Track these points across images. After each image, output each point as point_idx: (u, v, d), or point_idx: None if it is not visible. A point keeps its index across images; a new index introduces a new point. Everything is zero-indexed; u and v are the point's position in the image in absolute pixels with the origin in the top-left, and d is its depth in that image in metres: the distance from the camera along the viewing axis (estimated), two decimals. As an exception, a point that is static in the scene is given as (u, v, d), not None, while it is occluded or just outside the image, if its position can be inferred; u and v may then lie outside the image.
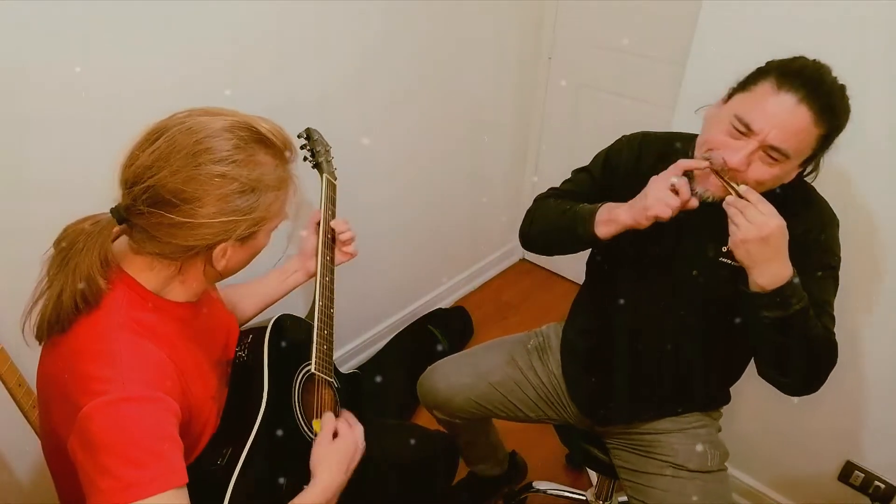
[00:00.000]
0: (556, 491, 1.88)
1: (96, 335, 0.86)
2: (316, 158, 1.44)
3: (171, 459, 0.83)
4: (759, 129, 1.00)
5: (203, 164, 0.84)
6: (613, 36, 2.31)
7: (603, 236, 1.15)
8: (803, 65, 1.01)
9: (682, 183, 1.05)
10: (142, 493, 0.78)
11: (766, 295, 1.00)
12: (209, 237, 0.87)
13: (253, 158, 0.88)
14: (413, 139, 2.16)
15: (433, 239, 2.47)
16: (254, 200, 0.88)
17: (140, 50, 1.33)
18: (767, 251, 0.97)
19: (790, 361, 1.07)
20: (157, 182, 0.83)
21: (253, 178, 0.87)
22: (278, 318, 1.17)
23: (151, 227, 0.86)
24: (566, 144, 2.58)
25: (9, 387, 1.17)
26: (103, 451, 0.78)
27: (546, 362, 1.50)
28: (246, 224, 0.89)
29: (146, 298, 0.91)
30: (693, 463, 1.28)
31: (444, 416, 1.56)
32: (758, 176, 1.02)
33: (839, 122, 1.02)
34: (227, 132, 0.86)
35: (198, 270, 0.93)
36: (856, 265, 1.42)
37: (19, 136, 1.22)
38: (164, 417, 0.84)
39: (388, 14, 1.83)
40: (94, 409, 0.79)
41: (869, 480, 1.60)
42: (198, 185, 0.84)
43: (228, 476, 0.96)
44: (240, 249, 0.93)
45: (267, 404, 1.05)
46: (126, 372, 0.82)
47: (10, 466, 1.48)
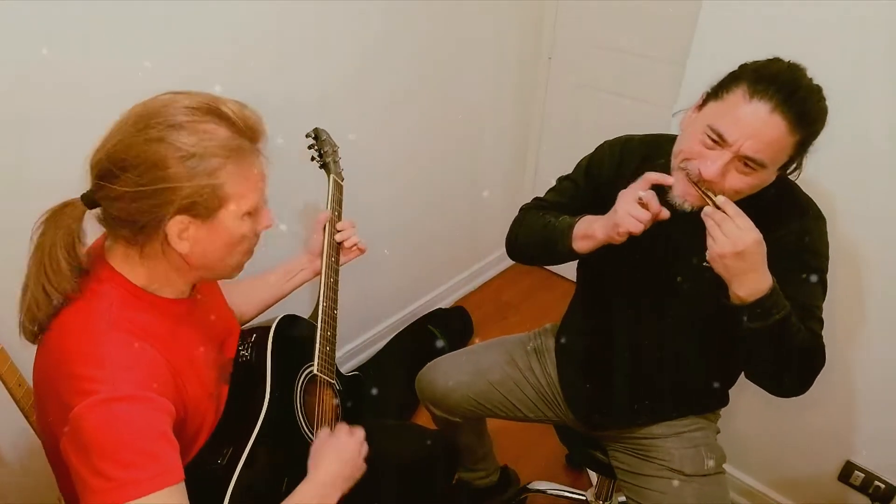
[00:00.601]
0: (555, 491, 1.88)
1: (87, 336, 0.85)
2: (324, 159, 1.44)
3: (164, 458, 0.82)
4: (732, 140, 0.98)
5: (143, 130, 0.81)
6: (613, 36, 2.31)
7: (581, 251, 1.15)
8: (777, 70, 0.99)
9: (650, 196, 1.04)
10: (136, 492, 0.78)
11: (746, 307, 0.99)
12: (152, 208, 0.83)
13: (200, 126, 0.83)
14: (413, 139, 2.16)
15: (433, 239, 2.47)
16: (194, 164, 0.82)
17: (140, 49, 1.33)
18: (744, 265, 0.96)
19: (775, 368, 1.07)
20: (104, 154, 0.83)
21: (194, 142, 0.82)
22: (282, 318, 1.17)
23: (105, 203, 0.85)
24: (566, 144, 2.58)
25: (9, 387, 1.16)
26: (95, 452, 0.78)
27: (544, 365, 1.50)
28: (188, 192, 0.82)
29: (137, 296, 0.90)
30: (689, 467, 1.28)
31: (441, 413, 1.56)
32: (734, 185, 1.01)
33: (815, 127, 1.00)
34: (182, 106, 0.83)
35: (157, 253, 0.88)
36: (855, 265, 1.42)
37: (19, 136, 1.23)
38: (157, 416, 0.83)
39: (388, 14, 1.83)
40: (84, 409, 0.79)
41: (869, 480, 1.60)
42: (137, 151, 0.81)
43: (229, 476, 0.96)
44: (203, 230, 0.87)
45: (269, 405, 1.05)
46: (117, 372, 0.82)
47: (10, 466, 1.48)
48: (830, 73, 1.31)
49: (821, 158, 1.36)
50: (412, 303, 2.54)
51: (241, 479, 0.96)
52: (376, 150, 1.99)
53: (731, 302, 1.01)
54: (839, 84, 1.31)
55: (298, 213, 1.81)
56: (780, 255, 1.03)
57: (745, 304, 0.99)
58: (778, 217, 1.09)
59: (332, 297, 1.26)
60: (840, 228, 1.40)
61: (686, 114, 1.09)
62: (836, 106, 1.32)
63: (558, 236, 1.18)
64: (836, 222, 1.40)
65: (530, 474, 1.95)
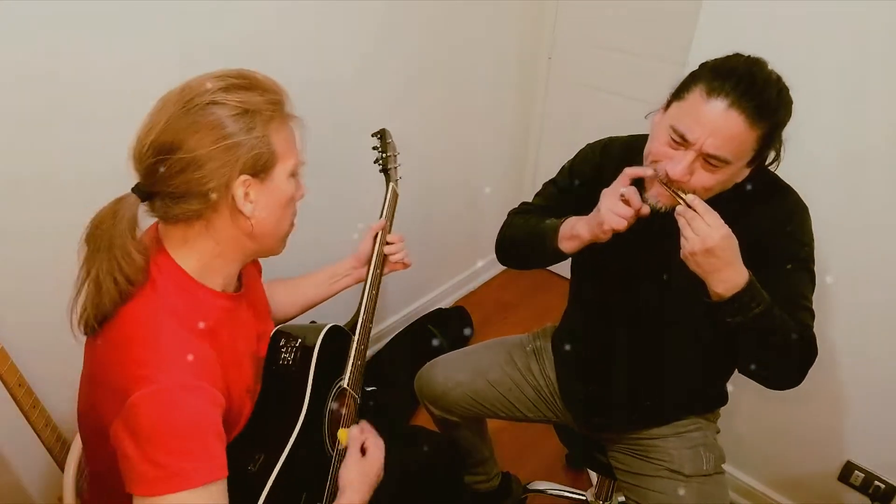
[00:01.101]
0: (555, 491, 1.88)
1: (143, 320, 0.86)
2: (385, 164, 1.37)
3: (215, 451, 0.83)
4: (693, 140, 0.99)
5: (190, 101, 0.84)
6: (613, 36, 2.31)
7: (568, 251, 1.16)
8: (734, 65, 0.99)
9: (631, 192, 1.05)
10: (186, 483, 0.79)
11: (724, 303, 0.99)
12: (218, 171, 0.85)
13: (238, 94, 0.87)
14: (413, 139, 2.15)
15: (433, 239, 2.47)
16: (248, 121, 0.86)
17: (140, 49, 1.33)
18: (716, 262, 0.97)
19: (763, 361, 1.07)
20: (156, 136, 0.84)
21: (242, 100, 0.86)
22: (330, 329, 1.13)
23: (166, 182, 0.85)
24: (566, 144, 2.56)
25: (9, 387, 1.17)
26: (149, 439, 0.79)
27: (542, 366, 1.50)
28: (247, 147, 0.86)
29: (188, 285, 0.91)
30: (688, 467, 1.28)
31: (440, 413, 1.56)
32: (703, 183, 1.02)
33: (777, 118, 1.00)
34: (215, 79, 0.87)
35: (227, 223, 0.90)
36: (855, 264, 1.42)
37: (19, 136, 1.22)
38: (210, 409, 0.84)
39: (388, 14, 1.83)
40: (142, 397, 0.79)
41: (869, 480, 1.60)
42: (190, 120, 0.84)
43: (261, 485, 0.94)
44: (261, 190, 0.90)
45: (306, 416, 1.03)
46: (175, 360, 0.83)
47: (10, 466, 1.48)
48: (830, 73, 1.31)
49: (819, 154, 1.37)
50: (412, 303, 2.54)
51: (273, 490, 0.95)
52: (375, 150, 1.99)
53: (711, 300, 1.02)
54: (839, 83, 1.32)
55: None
56: (763, 247, 1.04)
57: (723, 299, 0.99)
58: (759, 209, 1.09)
59: (371, 309, 1.22)
60: (839, 226, 1.40)
61: (656, 114, 1.11)
62: (835, 105, 1.33)
63: (544, 238, 1.20)
64: (836, 218, 1.40)
65: (530, 474, 1.95)
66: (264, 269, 1.21)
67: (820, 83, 1.33)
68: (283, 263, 1.28)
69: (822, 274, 1.43)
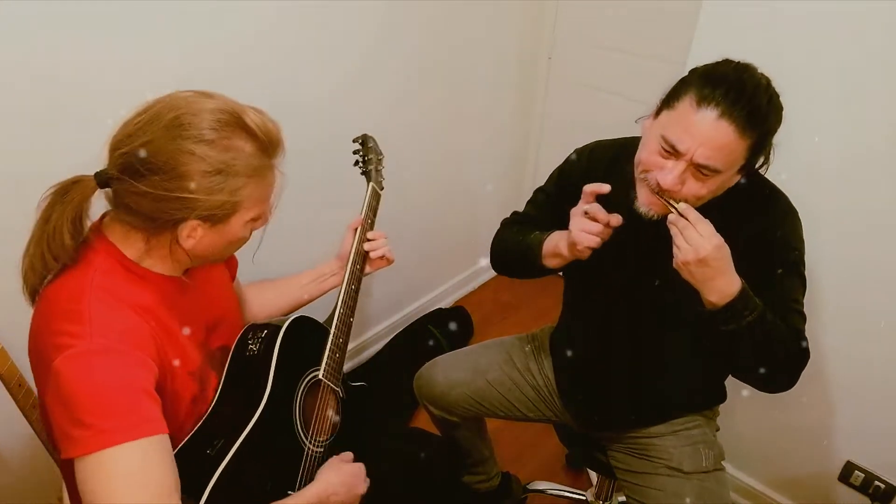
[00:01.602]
0: (555, 491, 1.88)
1: (69, 294, 0.87)
2: (366, 166, 1.42)
3: (144, 409, 0.83)
4: (684, 150, 0.98)
5: (175, 138, 0.84)
6: (613, 36, 2.31)
7: (553, 267, 1.18)
8: (723, 73, 0.99)
9: (595, 208, 1.06)
10: (115, 439, 0.79)
11: (717, 311, 1.00)
12: (171, 211, 0.87)
13: (228, 142, 0.87)
14: (412, 139, 2.16)
15: (433, 239, 2.47)
16: (219, 182, 0.86)
17: (140, 49, 1.33)
18: (708, 271, 0.97)
19: (756, 366, 1.07)
20: (130, 150, 0.85)
21: (222, 159, 0.86)
22: (296, 319, 1.16)
23: (122, 193, 0.88)
24: (566, 145, 2.56)
25: (9, 387, 1.17)
26: (73, 402, 0.79)
27: (541, 365, 1.50)
28: (209, 205, 0.87)
29: (125, 266, 0.92)
30: (688, 465, 1.28)
31: (439, 412, 1.56)
32: (694, 192, 1.02)
33: (767, 126, 1.00)
34: (209, 114, 0.86)
35: (164, 246, 0.92)
36: (855, 264, 1.42)
37: (19, 135, 1.22)
38: (135, 371, 0.85)
39: (388, 15, 1.83)
40: (62, 361, 0.80)
41: (869, 480, 1.60)
42: (166, 157, 0.84)
43: (215, 466, 0.96)
44: (210, 233, 0.92)
45: (267, 403, 1.05)
46: (97, 328, 0.83)
47: (10, 466, 1.48)
48: (830, 73, 1.31)
49: (817, 155, 1.37)
50: (412, 303, 2.54)
51: (226, 472, 0.96)
52: (376, 150, 1.99)
53: (704, 308, 1.02)
54: (839, 84, 1.32)
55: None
56: (753, 252, 1.04)
57: (716, 308, 1.00)
58: (748, 214, 1.10)
59: (350, 304, 1.24)
60: (840, 226, 1.40)
61: (646, 120, 1.10)
62: (835, 105, 1.33)
63: (530, 254, 1.22)
64: (836, 218, 1.40)
65: (530, 474, 1.95)
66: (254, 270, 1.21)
67: (819, 83, 1.33)
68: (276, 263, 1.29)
69: (821, 275, 1.44)
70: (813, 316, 1.13)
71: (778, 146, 1.05)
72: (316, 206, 1.81)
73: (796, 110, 1.03)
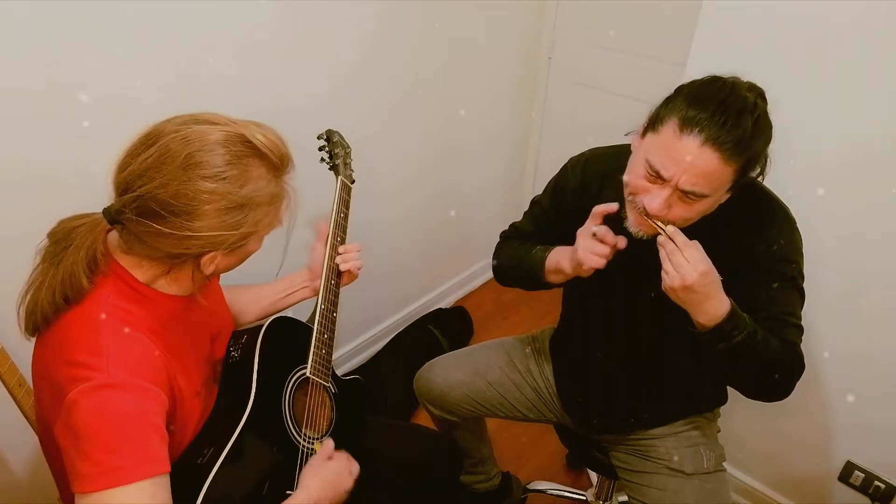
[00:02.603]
0: (555, 491, 1.88)
1: (82, 324, 0.86)
2: (333, 161, 1.42)
3: (153, 448, 0.83)
4: (668, 177, 0.97)
5: (193, 178, 0.83)
6: (613, 36, 2.31)
7: (555, 283, 1.19)
8: (708, 95, 0.96)
9: (604, 231, 1.06)
10: (120, 479, 0.79)
11: (706, 332, 1.00)
12: (197, 248, 0.88)
13: (245, 174, 0.87)
14: (412, 139, 2.16)
15: (433, 239, 2.47)
16: (243, 216, 0.88)
17: (139, 49, 1.33)
18: (695, 297, 0.97)
19: (746, 380, 1.08)
20: (146, 192, 0.83)
21: (243, 194, 0.86)
22: (274, 320, 1.16)
23: (140, 233, 0.87)
24: (566, 145, 2.56)
25: (9, 387, 1.17)
26: (85, 437, 0.79)
27: (542, 367, 1.50)
28: (235, 238, 0.89)
29: (135, 288, 0.91)
30: (689, 466, 1.28)
31: (439, 413, 1.56)
32: (681, 215, 1.01)
33: (753, 150, 0.97)
34: (220, 146, 0.85)
35: (186, 274, 0.94)
36: (856, 265, 1.42)
37: (19, 134, 1.22)
38: (149, 406, 0.84)
39: (388, 14, 1.83)
40: (78, 394, 0.80)
41: (869, 480, 1.60)
42: (187, 199, 0.84)
43: (206, 474, 0.96)
44: (229, 256, 0.94)
45: (253, 406, 1.04)
46: (111, 359, 0.83)
47: (10, 466, 1.48)
48: (830, 73, 1.31)
49: (816, 159, 1.37)
50: (412, 303, 2.54)
51: (218, 479, 0.96)
52: (376, 151, 1.99)
53: (694, 329, 1.02)
54: (839, 84, 1.31)
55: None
56: (749, 266, 1.04)
57: (706, 329, 1.00)
58: (744, 226, 1.09)
59: (331, 299, 1.24)
60: (841, 225, 1.40)
61: (635, 136, 1.08)
62: (835, 106, 1.33)
63: (532, 271, 1.23)
64: (833, 222, 1.40)
65: (530, 474, 1.95)
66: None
67: (819, 84, 1.33)
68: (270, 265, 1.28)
69: (821, 276, 1.43)
70: (813, 316, 1.13)
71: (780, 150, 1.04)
72: (318, 206, 1.80)
73: (796, 111, 1.03)
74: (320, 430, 1.19)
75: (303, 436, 1.13)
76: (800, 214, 1.14)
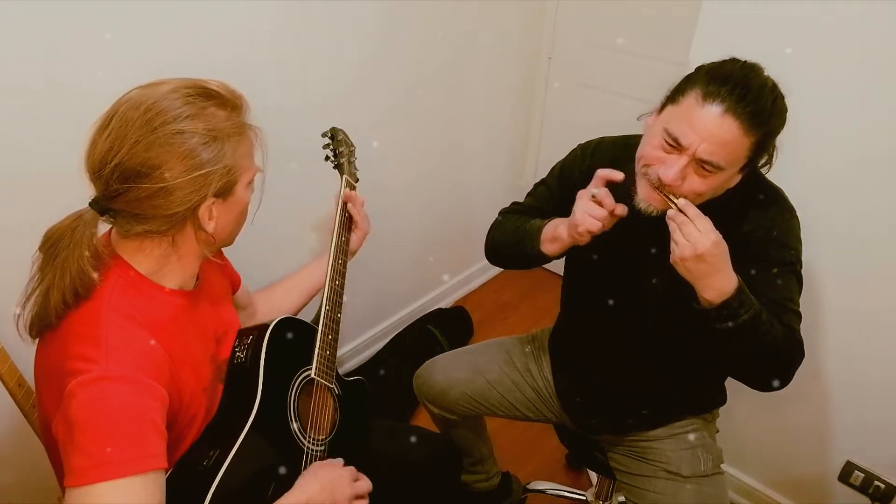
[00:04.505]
0: (555, 491, 1.88)
1: (86, 319, 0.86)
2: (338, 159, 1.42)
3: (149, 442, 0.82)
4: (687, 144, 0.98)
5: (158, 127, 0.84)
6: (613, 36, 2.31)
7: (550, 254, 1.16)
8: (730, 71, 0.99)
9: (603, 194, 1.05)
10: (113, 473, 0.78)
11: (713, 309, 0.99)
12: (188, 198, 0.87)
13: (205, 111, 0.88)
14: (413, 140, 2.16)
15: (433, 239, 2.47)
16: (218, 149, 0.88)
17: (139, 50, 1.33)
18: (706, 267, 0.96)
19: (751, 365, 1.07)
20: (121, 159, 0.84)
21: (210, 127, 0.87)
22: (280, 321, 1.16)
23: (131, 205, 0.87)
24: (566, 145, 2.57)
25: (9, 387, 1.17)
26: (79, 428, 0.78)
27: (541, 366, 1.50)
28: (218, 175, 0.89)
29: (139, 284, 0.91)
30: (686, 469, 1.28)
31: (439, 411, 1.56)
32: (694, 188, 1.02)
33: (771, 126, 0.99)
34: (173, 93, 0.87)
35: (190, 238, 0.93)
36: (856, 265, 1.42)
37: (18, 132, 1.22)
38: (147, 402, 0.84)
39: (388, 15, 1.83)
40: (76, 386, 0.79)
41: (869, 480, 1.60)
42: (160, 148, 0.84)
43: (212, 477, 0.95)
44: (224, 207, 0.93)
45: (259, 407, 1.04)
46: (112, 353, 0.83)
47: (10, 466, 1.48)
48: (830, 73, 1.31)
49: (817, 158, 1.37)
50: (412, 303, 2.54)
51: (225, 482, 0.95)
52: (376, 151, 1.99)
53: (699, 306, 1.01)
54: (839, 84, 1.32)
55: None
56: (750, 252, 1.04)
57: (712, 306, 0.99)
58: (746, 213, 1.10)
59: (336, 300, 1.24)
60: (843, 226, 1.40)
61: (649, 116, 1.10)
62: (835, 105, 1.33)
63: (528, 239, 1.20)
64: (834, 221, 1.40)
65: (530, 474, 1.95)
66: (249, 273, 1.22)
67: (820, 84, 1.33)
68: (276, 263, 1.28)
69: (821, 276, 1.44)
70: (813, 316, 1.13)
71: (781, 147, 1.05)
72: (317, 206, 1.80)
73: (796, 111, 1.03)
74: (324, 432, 1.19)
75: (308, 437, 1.13)
76: (800, 213, 1.14)
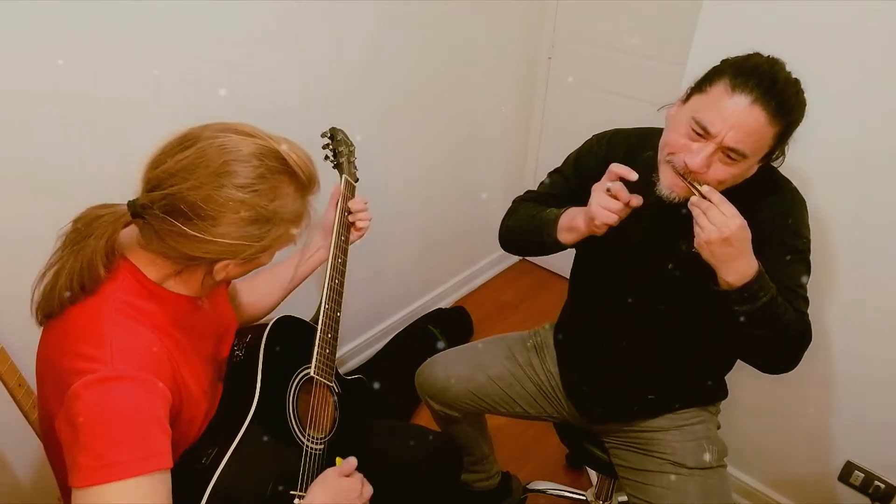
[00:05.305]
0: (555, 491, 1.88)
1: (89, 316, 0.86)
2: (337, 159, 1.43)
3: (154, 442, 0.82)
4: (715, 132, 1.01)
5: (225, 185, 0.85)
6: (613, 36, 2.31)
7: (566, 242, 1.18)
8: (756, 63, 1.02)
9: (618, 187, 1.07)
10: (120, 473, 0.78)
11: (734, 291, 1.02)
12: (215, 253, 0.89)
13: (275, 189, 0.89)
14: (413, 140, 2.16)
15: (433, 239, 2.47)
16: (266, 230, 0.89)
17: (139, 50, 1.33)
18: (731, 251, 0.99)
19: (764, 347, 1.10)
20: (177, 192, 0.84)
21: (271, 209, 0.88)
22: (278, 319, 1.16)
23: (162, 231, 0.87)
24: (566, 144, 2.57)
25: (9, 387, 1.17)
26: (86, 429, 0.78)
27: (543, 360, 1.51)
28: (253, 250, 0.90)
29: (144, 285, 0.92)
30: (691, 460, 1.28)
31: (440, 408, 1.56)
32: (718, 176, 1.04)
33: (793, 117, 1.03)
34: (255, 158, 0.87)
35: (196, 277, 0.95)
36: (861, 263, 1.42)
37: (21, 135, 1.22)
38: (152, 400, 0.84)
39: (389, 15, 1.83)
40: (81, 386, 0.80)
41: (869, 480, 1.60)
42: (216, 205, 0.85)
43: (210, 476, 0.95)
44: (241, 266, 0.95)
45: (257, 406, 1.04)
46: (116, 352, 0.83)
47: (10, 466, 1.48)
48: (830, 73, 1.31)
49: (817, 157, 1.37)
50: (412, 303, 2.55)
51: (223, 479, 0.96)
52: (376, 151, 1.99)
53: (720, 288, 1.04)
54: (839, 84, 1.31)
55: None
56: (764, 239, 1.06)
57: (733, 289, 1.02)
58: (761, 202, 1.13)
59: (335, 298, 1.25)
60: (849, 224, 1.40)
61: (671, 108, 1.13)
62: (836, 105, 1.33)
63: (544, 228, 1.22)
64: (833, 222, 1.40)
65: (530, 474, 1.95)
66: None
67: (820, 83, 1.32)
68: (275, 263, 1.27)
69: (821, 276, 1.44)
70: (813, 316, 1.14)
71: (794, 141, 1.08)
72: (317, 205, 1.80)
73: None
74: (324, 430, 1.19)
75: (307, 436, 1.13)
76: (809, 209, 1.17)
